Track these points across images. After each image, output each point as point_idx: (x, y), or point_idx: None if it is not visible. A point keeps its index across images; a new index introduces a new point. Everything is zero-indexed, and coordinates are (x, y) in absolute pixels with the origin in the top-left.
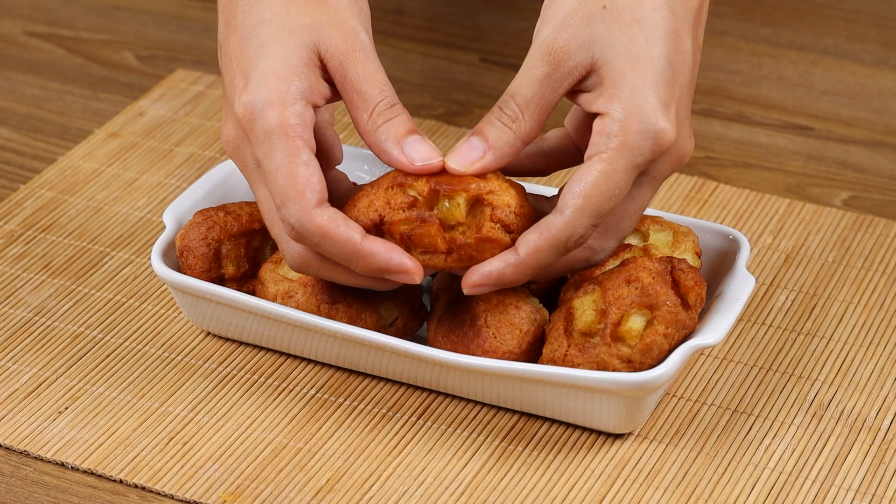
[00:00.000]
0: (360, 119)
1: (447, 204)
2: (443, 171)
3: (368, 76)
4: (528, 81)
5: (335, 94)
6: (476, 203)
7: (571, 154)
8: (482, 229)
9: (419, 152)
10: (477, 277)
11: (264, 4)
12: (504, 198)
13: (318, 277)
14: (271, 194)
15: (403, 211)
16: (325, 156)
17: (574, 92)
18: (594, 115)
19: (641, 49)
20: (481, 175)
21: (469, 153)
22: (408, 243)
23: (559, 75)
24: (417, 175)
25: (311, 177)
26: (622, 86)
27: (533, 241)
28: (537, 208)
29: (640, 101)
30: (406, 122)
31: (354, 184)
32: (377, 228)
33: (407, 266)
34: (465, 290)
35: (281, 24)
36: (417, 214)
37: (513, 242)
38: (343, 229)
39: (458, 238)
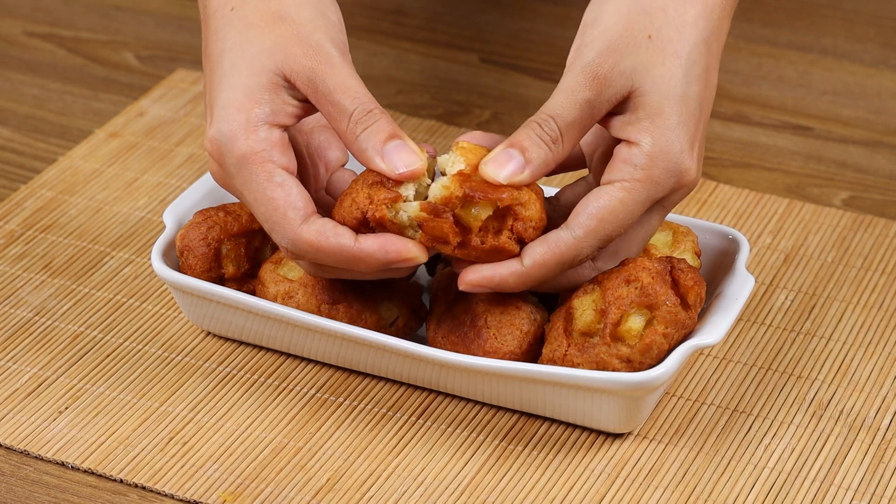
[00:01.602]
0: (340, 130)
1: (476, 209)
2: (460, 175)
3: (339, 86)
4: (571, 104)
5: (308, 110)
6: (502, 209)
7: (577, 160)
8: (499, 237)
9: (401, 159)
10: (476, 278)
11: (227, 33)
12: (530, 211)
13: (338, 278)
14: (259, 221)
15: (387, 207)
16: (323, 159)
17: (606, 115)
18: (617, 139)
19: (679, 86)
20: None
21: (507, 164)
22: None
23: (600, 102)
24: (400, 181)
25: (288, 196)
26: (656, 121)
27: (539, 255)
28: None
29: (672, 140)
30: (384, 127)
31: None
32: (365, 226)
33: (408, 253)
34: (461, 286)
35: (240, 52)
36: (433, 207)
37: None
38: (333, 239)
39: (472, 239)
